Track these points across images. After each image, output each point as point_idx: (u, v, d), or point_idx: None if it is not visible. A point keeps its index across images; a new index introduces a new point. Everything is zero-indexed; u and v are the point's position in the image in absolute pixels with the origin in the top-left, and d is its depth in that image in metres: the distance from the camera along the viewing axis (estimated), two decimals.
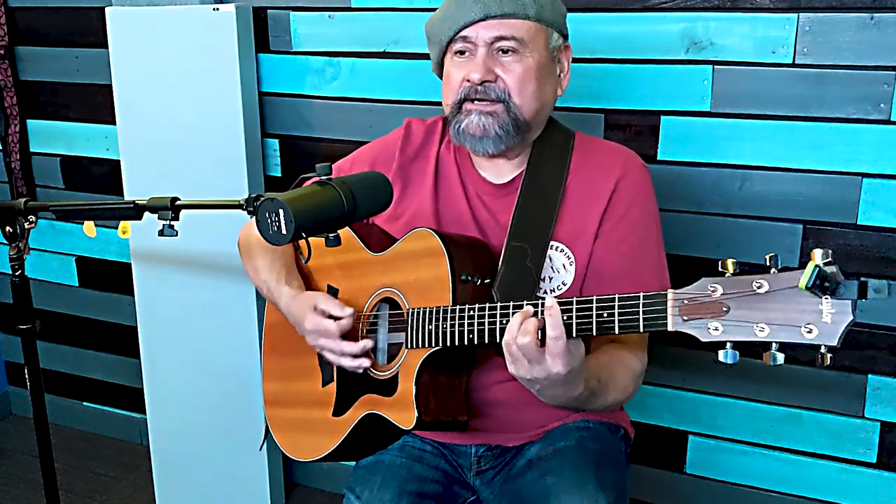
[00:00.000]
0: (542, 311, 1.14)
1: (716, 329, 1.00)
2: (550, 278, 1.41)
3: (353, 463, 1.59)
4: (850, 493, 1.94)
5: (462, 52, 1.40)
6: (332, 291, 1.54)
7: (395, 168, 1.53)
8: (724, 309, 0.99)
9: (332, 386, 1.49)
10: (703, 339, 1.02)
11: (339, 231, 1.16)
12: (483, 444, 1.50)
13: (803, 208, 1.82)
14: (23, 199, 1.27)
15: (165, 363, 2.43)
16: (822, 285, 0.90)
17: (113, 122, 2.35)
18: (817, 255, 0.91)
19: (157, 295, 2.39)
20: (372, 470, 1.49)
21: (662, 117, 1.90)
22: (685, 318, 1.03)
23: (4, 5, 2.55)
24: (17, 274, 1.29)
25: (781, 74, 1.78)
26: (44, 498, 1.41)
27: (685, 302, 1.03)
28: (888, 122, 1.73)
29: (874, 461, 1.91)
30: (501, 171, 1.49)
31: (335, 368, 1.48)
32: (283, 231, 1.08)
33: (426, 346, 1.33)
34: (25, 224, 1.28)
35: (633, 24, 1.87)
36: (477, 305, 1.27)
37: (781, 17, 1.76)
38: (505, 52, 1.38)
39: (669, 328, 1.04)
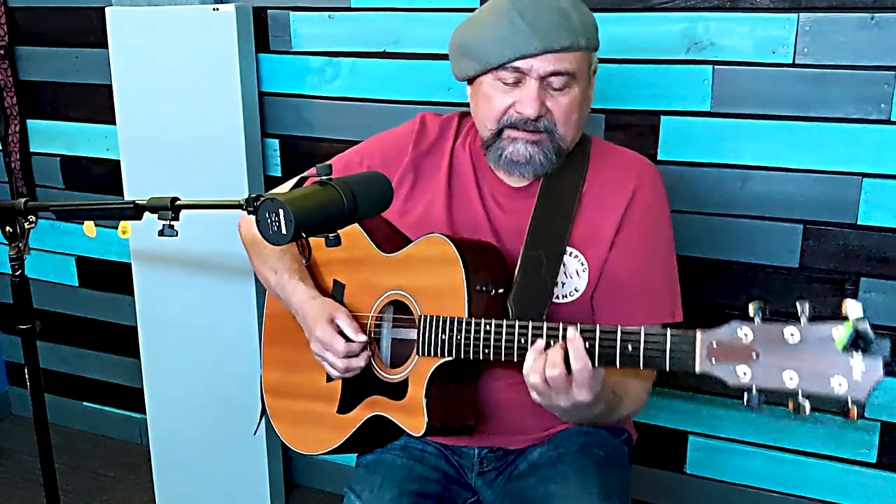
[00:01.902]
0: (562, 339, 1.16)
1: (744, 374, 1.00)
2: (563, 283, 1.40)
3: (354, 463, 1.59)
4: (850, 493, 1.94)
5: (512, 83, 1.36)
6: (339, 286, 1.54)
7: (406, 161, 1.51)
8: (754, 355, 0.99)
9: (337, 383, 1.49)
10: (731, 384, 1.01)
11: (345, 227, 1.17)
12: (486, 445, 1.50)
13: (803, 208, 1.82)
14: (23, 199, 1.27)
15: (165, 363, 2.43)
16: (856, 343, 0.92)
17: (113, 122, 2.35)
18: (851, 309, 0.93)
19: (157, 295, 2.39)
20: (373, 469, 1.49)
21: (662, 117, 1.90)
22: (713, 360, 1.02)
23: (4, 5, 2.55)
24: (17, 274, 1.29)
25: (781, 74, 1.78)
26: (44, 498, 1.41)
27: (714, 345, 1.02)
28: (888, 122, 1.73)
29: (874, 461, 1.91)
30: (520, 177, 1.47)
31: None
32: (283, 231, 1.08)
33: (438, 355, 1.32)
34: (25, 224, 1.28)
35: (633, 24, 1.87)
36: (493, 322, 1.26)
37: (781, 17, 1.76)
38: (556, 85, 1.35)
39: (696, 370, 1.04)
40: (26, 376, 1.33)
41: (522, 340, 1.22)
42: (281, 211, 1.07)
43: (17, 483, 2.64)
